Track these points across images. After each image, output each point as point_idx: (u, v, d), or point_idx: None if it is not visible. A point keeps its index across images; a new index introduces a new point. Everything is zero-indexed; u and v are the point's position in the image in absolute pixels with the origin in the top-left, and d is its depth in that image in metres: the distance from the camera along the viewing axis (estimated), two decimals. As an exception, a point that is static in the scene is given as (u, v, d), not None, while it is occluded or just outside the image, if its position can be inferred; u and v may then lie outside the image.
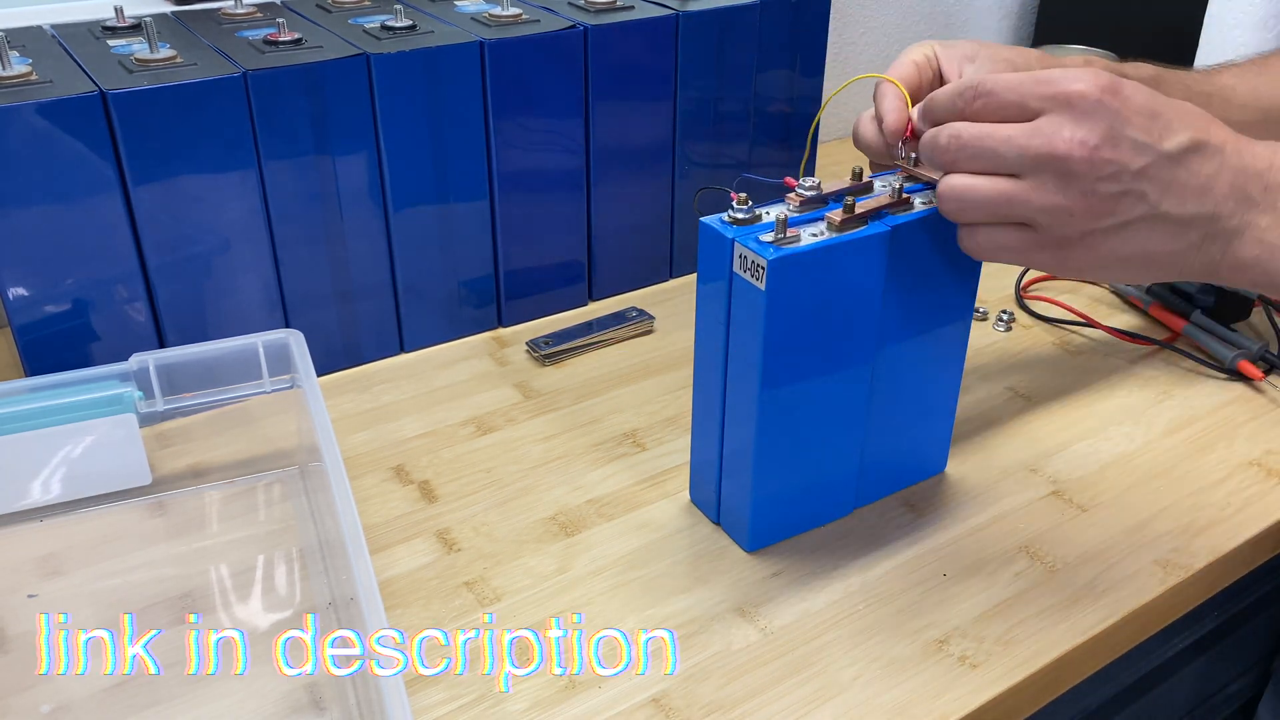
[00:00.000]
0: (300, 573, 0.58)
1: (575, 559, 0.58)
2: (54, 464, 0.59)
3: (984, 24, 1.30)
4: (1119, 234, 0.48)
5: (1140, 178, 0.47)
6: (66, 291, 0.64)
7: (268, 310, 0.71)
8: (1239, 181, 0.48)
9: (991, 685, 0.51)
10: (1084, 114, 0.47)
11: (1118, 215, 0.48)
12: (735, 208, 0.52)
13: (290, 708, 0.49)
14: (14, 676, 0.51)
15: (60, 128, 0.60)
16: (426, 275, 0.76)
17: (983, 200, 0.49)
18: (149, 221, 0.64)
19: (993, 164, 0.48)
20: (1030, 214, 0.48)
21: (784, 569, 0.57)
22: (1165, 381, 0.74)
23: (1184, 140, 0.48)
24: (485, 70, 0.71)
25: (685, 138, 0.83)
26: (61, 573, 0.57)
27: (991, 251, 0.51)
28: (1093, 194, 0.47)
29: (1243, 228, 0.48)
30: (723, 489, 0.59)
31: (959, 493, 0.63)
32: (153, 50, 0.66)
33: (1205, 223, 0.48)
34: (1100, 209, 0.47)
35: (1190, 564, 0.58)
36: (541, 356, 0.76)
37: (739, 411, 0.55)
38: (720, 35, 0.81)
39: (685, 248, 0.87)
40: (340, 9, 0.78)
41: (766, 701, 0.50)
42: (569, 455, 0.66)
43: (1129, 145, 0.47)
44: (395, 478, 0.64)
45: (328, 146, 0.68)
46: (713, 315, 0.54)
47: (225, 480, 0.64)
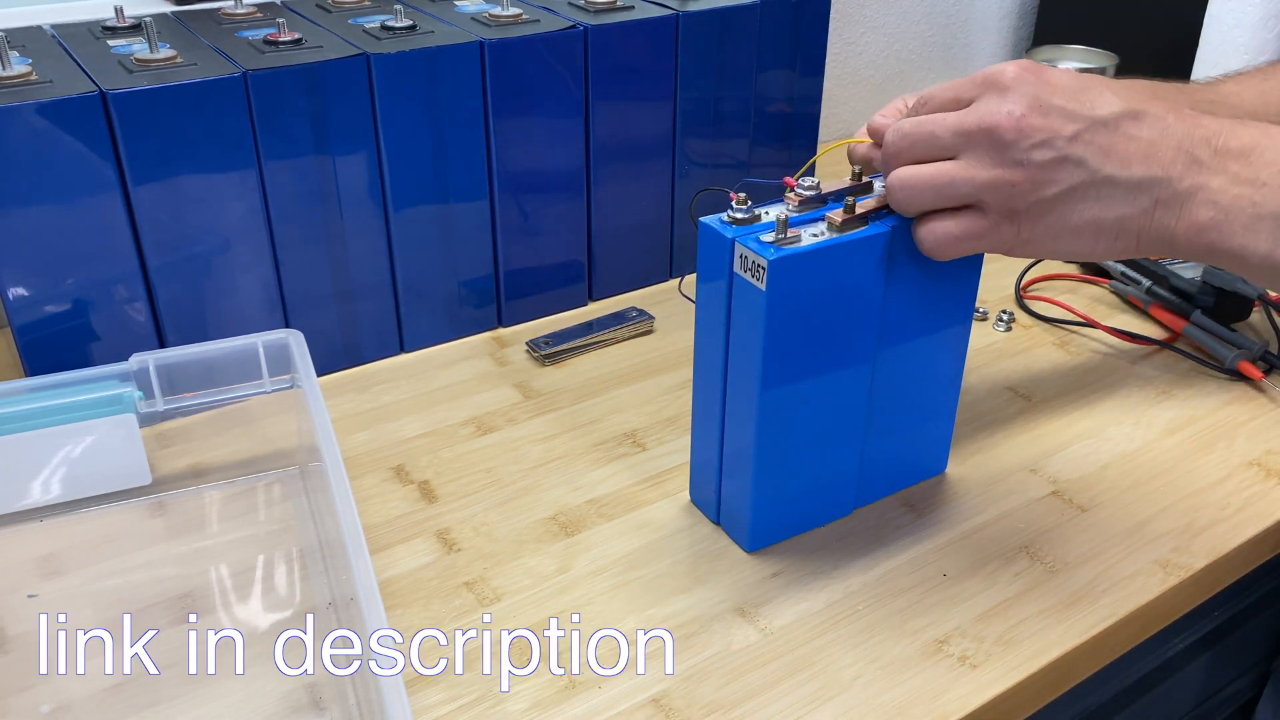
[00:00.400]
0: (300, 573, 0.58)
1: (575, 559, 0.58)
2: (54, 464, 0.59)
3: (984, 24, 1.30)
4: (1065, 202, 0.49)
5: (1075, 142, 0.48)
6: (66, 291, 0.64)
7: (268, 310, 0.71)
8: (1186, 145, 0.48)
9: (991, 685, 0.51)
10: (1008, 89, 0.49)
11: (1059, 182, 0.48)
12: (734, 208, 0.52)
13: (290, 708, 0.49)
14: (14, 676, 0.51)
15: (60, 128, 0.60)
16: (426, 275, 0.76)
17: (926, 183, 0.50)
18: (149, 221, 0.64)
19: (932, 148, 0.50)
20: (973, 191, 0.49)
21: (784, 569, 0.57)
22: (1165, 381, 0.74)
23: (1117, 108, 0.48)
24: (485, 70, 0.71)
25: (685, 138, 0.83)
26: (61, 573, 0.57)
27: (946, 241, 0.51)
28: (1029, 163, 0.48)
29: (1194, 190, 0.48)
30: (723, 489, 0.59)
31: (959, 493, 0.63)
32: (153, 50, 0.66)
33: (1154, 186, 0.48)
34: (1039, 177, 0.48)
35: (1190, 564, 0.58)
36: (541, 356, 0.76)
37: (739, 411, 0.55)
38: (720, 35, 0.81)
39: (685, 248, 0.87)
40: (340, 9, 0.78)
41: (766, 701, 0.50)
42: (569, 455, 0.66)
43: (1057, 113, 0.48)
44: (395, 478, 0.64)
45: (328, 146, 0.68)
46: (712, 315, 0.54)
47: (225, 480, 0.64)
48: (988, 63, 1.33)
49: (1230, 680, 0.80)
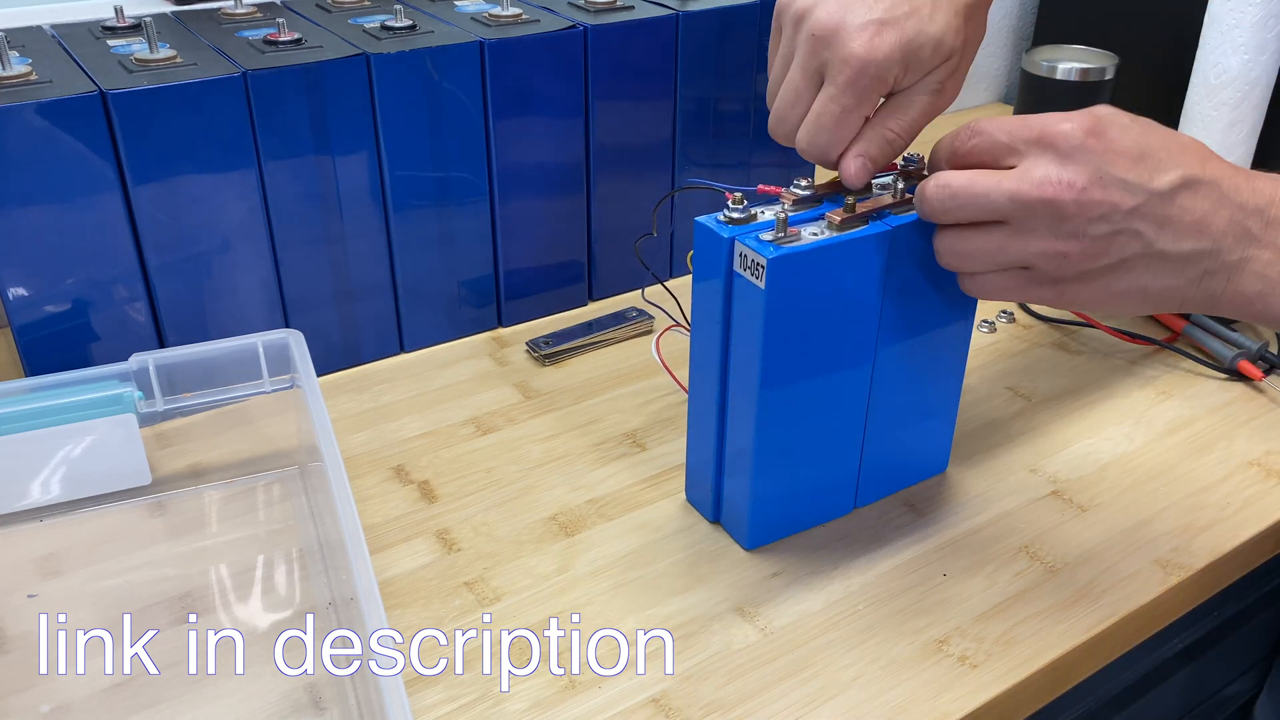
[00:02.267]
0: (300, 573, 0.58)
1: (575, 559, 0.58)
2: (54, 464, 0.59)
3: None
4: (1115, 272, 0.48)
5: (1133, 216, 0.47)
6: (66, 291, 0.64)
7: (268, 310, 0.71)
8: (1238, 217, 0.47)
9: (991, 685, 0.51)
10: (1067, 155, 0.46)
11: (1113, 254, 0.47)
12: (731, 207, 0.52)
13: (290, 708, 0.49)
14: (14, 676, 0.51)
15: (60, 128, 0.60)
16: (426, 275, 0.76)
17: (978, 252, 0.50)
18: (149, 221, 0.64)
19: (981, 211, 0.48)
20: (1025, 259, 0.48)
21: (784, 569, 0.57)
22: (1165, 381, 0.74)
23: (1174, 178, 0.47)
24: (485, 70, 0.71)
25: (685, 138, 0.83)
26: (61, 573, 0.57)
27: (993, 293, 0.51)
28: (1085, 235, 0.47)
29: (1243, 262, 0.47)
30: (723, 487, 0.59)
31: (959, 493, 0.63)
32: (153, 50, 0.66)
33: (1204, 258, 0.48)
34: (1095, 250, 0.47)
35: (1190, 564, 0.58)
36: (541, 356, 0.76)
37: (738, 410, 0.55)
38: (720, 35, 0.81)
39: (685, 248, 0.87)
40: (340, 9, 0.78)
41: (766, 701, 0.50)
42: (569, 455, 0.66)
43: (1117, 185, 0.46)
44: (395, 478, 0.65)
45: (328, 146, 0.68)
46: (707, 314, 0.54)
47: (225, 480, 0.64)
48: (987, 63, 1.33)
49: (1230, 680, 0.80)
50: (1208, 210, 0.47)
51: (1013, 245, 0.48)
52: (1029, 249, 0.48)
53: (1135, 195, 0.46)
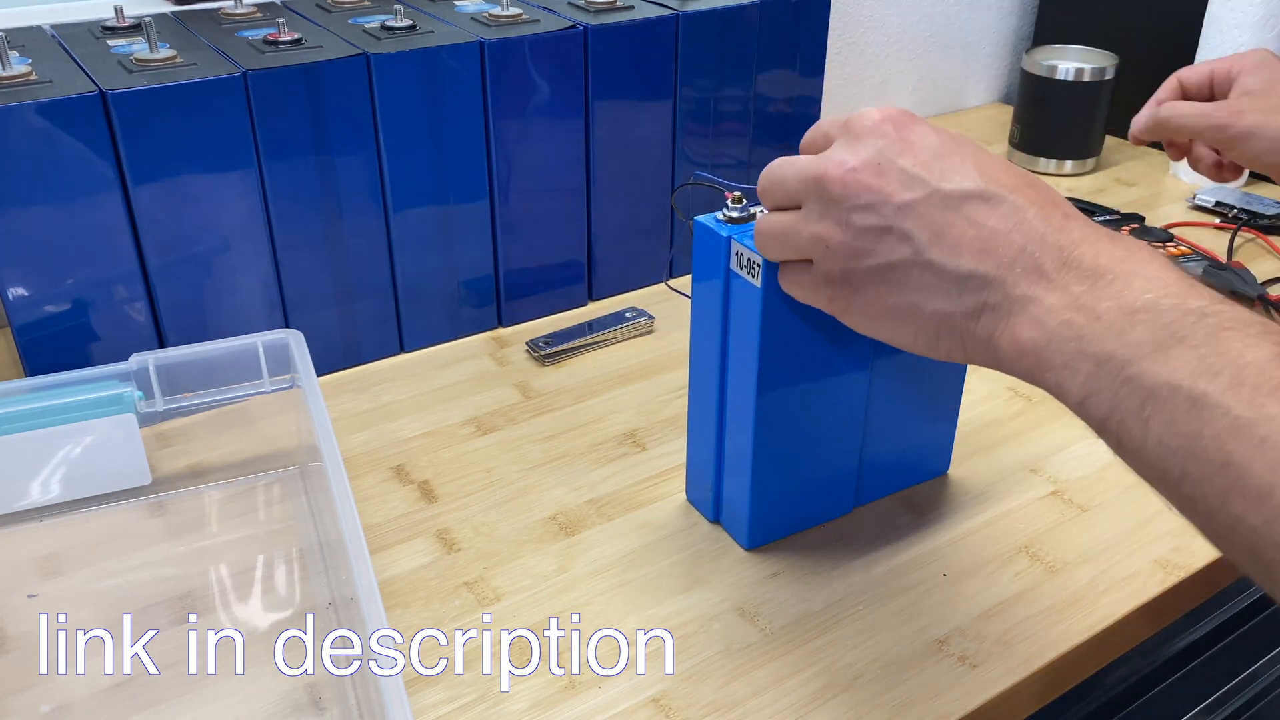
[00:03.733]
0: (300, 573, 0.58)
1: (575, 559, 0.58)
2: (54, 464, 0.59)
3: (984, 24, 1.30)
4: (884, 278, 0.43)
5: (904, 214, 0.42)
6: (66, 291, 0.64)
7: (268, 310, 0.71)
8: (1032, 247, 0.40)
9: (991, 685, 0.51)
10: (857, 138, 0.44)
11: (877, 255, 0.43)
12: (730, 206, 0.52)
13: (290, 708, 0.49)
14: (14, 676, 0.51)
15: (60, 128, 0.60)
16: (426, 275, 0.76)
17: (769, 232, 0.47)
18: (149, 221, 0.64)
19: (784, 195, 0.46)
20: (801, 245, 0.45)
21: (784, 569, 0.57)
22: (1165, 381, 0.74)
23: (970, 186, 0.41)
24: (485, 70, 0.71)
25: (685, 138, 0.83)
26: (61, 573, 0.57)
27: (795, 291, 0.48)
28: (848, 224, 0.43)
29: (1025, 301, 0.40)
30: (722, 486, 0.59)
31: (959, 493, 0.63)
32: (153, 50, 0.66)
33: (986, 287, 0.41)
34: (856, 245, 0.43)
35: (1190, 564, 0.58)
36: (541, 356, 0.76)
37: (737, 409, 0.55)
38: (720, 35, 0.81)
39: (686, 248, 0.87)
40: (340, 9, 0.78)
41: (766, 702, 0.50)
42: (569, 455, 0.66)
43: (896, 174, 0.42)
44: (395, 478, 0.65)
45: (328, 146, 0.68)
46: (707, 313, 0.54)
47: (225, 480, 0.64)
48: (986, 63, 1.33)
49: (1230, 680, 0.80)
50: (999, 230, 0.41)
51: (792, 226, 0.45)
52: (802, 232, 0.45)
53: (913, 189, 0.42)
